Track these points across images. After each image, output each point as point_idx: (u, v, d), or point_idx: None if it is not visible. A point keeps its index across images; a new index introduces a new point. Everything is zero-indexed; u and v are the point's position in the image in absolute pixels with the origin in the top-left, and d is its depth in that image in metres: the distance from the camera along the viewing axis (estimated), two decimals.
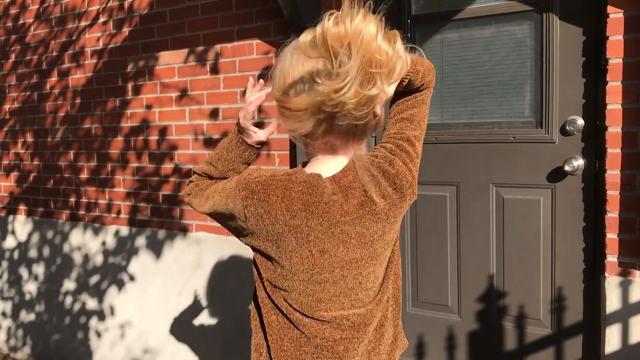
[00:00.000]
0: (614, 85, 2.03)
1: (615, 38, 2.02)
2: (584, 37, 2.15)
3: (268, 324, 1.20)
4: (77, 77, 3.54)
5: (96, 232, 3.52)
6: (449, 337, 2.52)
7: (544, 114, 2.24)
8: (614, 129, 2.04)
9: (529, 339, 2.34)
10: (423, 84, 1.22)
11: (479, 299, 2.44)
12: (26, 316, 3.82)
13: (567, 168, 2.17)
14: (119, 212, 3.43)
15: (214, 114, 3.00)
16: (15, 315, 3.89)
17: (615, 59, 2.02)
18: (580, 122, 2.17)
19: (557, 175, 2.23)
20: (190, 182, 1.39)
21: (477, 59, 2.40)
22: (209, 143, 3.03)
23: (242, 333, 2.86)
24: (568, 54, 2.18)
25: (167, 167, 3.20)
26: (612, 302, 2.06)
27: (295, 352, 1.18)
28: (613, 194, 2.06)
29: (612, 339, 2.06)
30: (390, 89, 1.10)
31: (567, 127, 2.18)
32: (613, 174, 2.06)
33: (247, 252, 2.80)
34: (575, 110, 2.18)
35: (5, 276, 3.96)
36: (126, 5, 3.28)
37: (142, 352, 3.25)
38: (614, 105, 2.04)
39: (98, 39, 3.41)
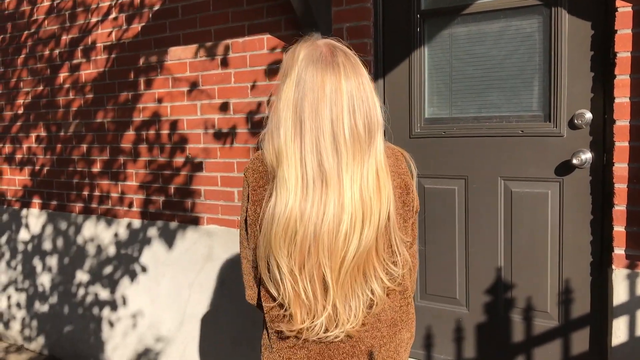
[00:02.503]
0: (622, 79, 2.04)
1: (624, 32, 2.03)
2: (592, 31, 2.16)
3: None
4: (90, 72, 3.58)
5: (109, 224, 3.57)
6: (456, 329, 2.55)
7: (552, 108, 2.25)
8: (622, 122, 2.05)
9: (537, 331, 2.36)
10: None
11: (486, 291, 2.46)
12: (40, 307, 3.89)
13: (575, 161, 2.18)
14: (131, 205, 3.48)
15: (224, 107, 3.04)
16: (29, 306, 3.95)
17: (623, 53, 2.03)
18: (589, 115, 2.18)
19: (565, 168, 2.25)
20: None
21: (485, 53, 2.41)
22: (220, 136, 3.07)
23: (252, 324, 2.90)
24: (576, 48, 2.19)
25: (179, 160, 3.25)
26: (619, 294, 2.08)
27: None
28: (621, 187, 2.07)
29: (618, 331, 2.08)
30: None
31: (575, 121, 2.19)
32: (621, 167, 2.07)
33: None
34: (583, 103, 2.19)
35: (19, 268, 4.03)
36: (137, 0, 3.31)
37: (154, 342, 3.30)
38: (622, 98, 2.05)
39: (110, 34, 3.46)
